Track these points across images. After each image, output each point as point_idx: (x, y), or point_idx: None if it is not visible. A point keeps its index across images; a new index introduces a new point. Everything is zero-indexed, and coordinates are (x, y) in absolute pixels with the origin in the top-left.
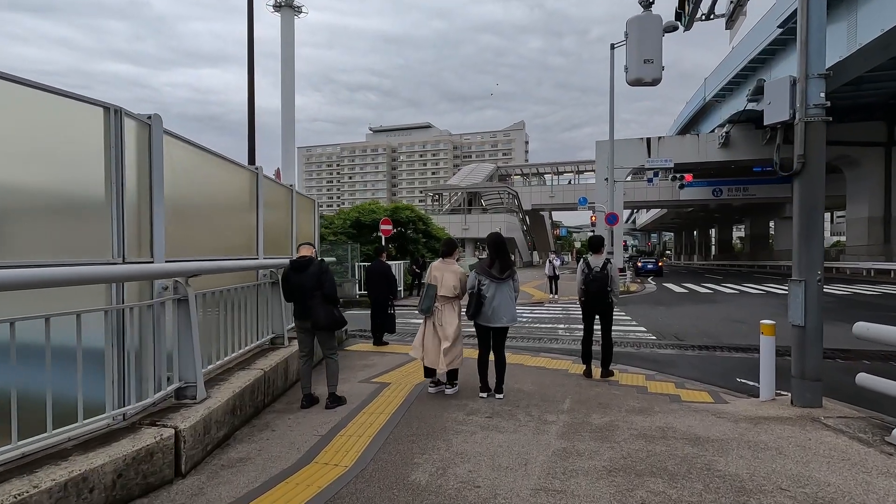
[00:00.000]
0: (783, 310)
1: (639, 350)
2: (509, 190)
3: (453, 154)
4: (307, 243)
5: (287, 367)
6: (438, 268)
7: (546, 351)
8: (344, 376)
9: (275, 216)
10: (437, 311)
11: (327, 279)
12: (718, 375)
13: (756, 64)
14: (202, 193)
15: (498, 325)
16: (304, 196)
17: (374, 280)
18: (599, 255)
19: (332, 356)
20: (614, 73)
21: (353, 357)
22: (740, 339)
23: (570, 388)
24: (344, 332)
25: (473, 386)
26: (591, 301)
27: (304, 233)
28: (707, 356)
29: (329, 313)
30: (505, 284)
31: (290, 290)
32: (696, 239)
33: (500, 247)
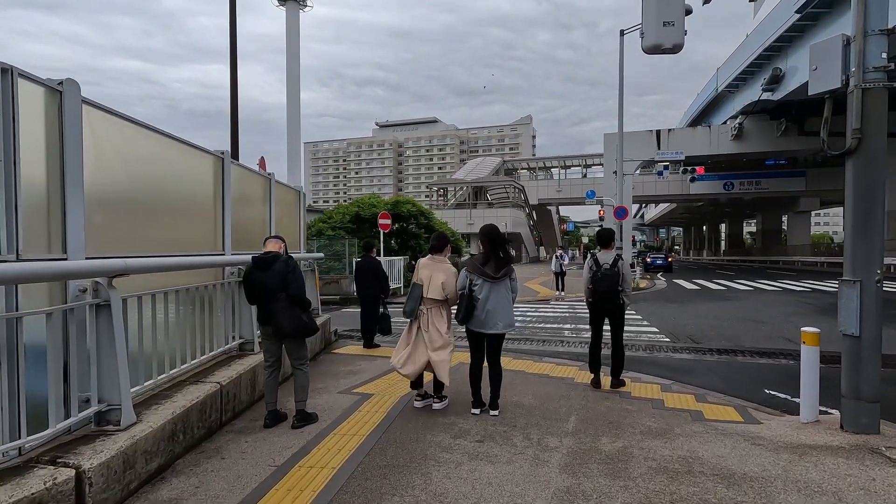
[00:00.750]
0: (805, 308)
1: (652, 354)
2: (515, 184)
3: (460, 149)
4: (275, 237)
5: (254, 378)
6: (426, 265)
7: (550, 355)
8: (323, 385)
9: (249, 208)
10: (422, 315)
11: (294, 279)
12: (743, 386)
13: (771, 52)
14: (146, 180)
15: (492, 332)
16: (286, 186)
17: (363, 277)
18: (609, 251)
19: (301, 367)
20: (624, 62)
21: (339, 361)
22: (762, 341)
23: (576, 402)
24: (333, 334)
25: (465, 399)
26: (599, 302)
27: (285, 227)
28: (728, 362)
29: (295, 318)
30: (501, 285)
31: (252, 291)
32: (705, 234)
33: (496, 241)
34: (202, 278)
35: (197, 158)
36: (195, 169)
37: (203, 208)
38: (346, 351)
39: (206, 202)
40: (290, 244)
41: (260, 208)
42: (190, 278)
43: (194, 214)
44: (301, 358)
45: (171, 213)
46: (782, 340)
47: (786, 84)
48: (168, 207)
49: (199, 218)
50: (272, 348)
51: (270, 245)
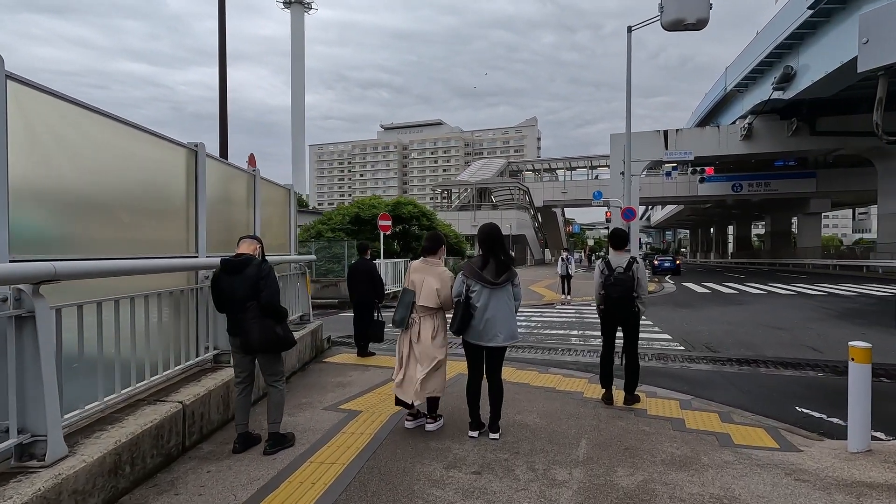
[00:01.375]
0: (823, 313)
1: (666, 365)
2: (520, 186)
3: (464, 151)
4: (249, 237)
5: (228, 394)
6: (418, 269)
7: (557, 365)
8: (308, 400)
9: (229, 207)
10: (413, 325)
11: (267, 285)
12: (771, 402)
13: (783, 50)
14: (100, 172)
15: (492, 345)
16: (273, 184)
17: (357, 281)
18: (622, 253)
19: (276, 385)
20: (631, 58)
21: (329, 372)
22: (784, 349)
23: (586, 422)
24: (326, 341)
25: (462, 418)
26: (612, 310)
27: (274, 228)
28: (750, 374)
29: (267, 330)
30: (501, 291)
31: (220, 298)
32: (712, 236)
33: (495, 242)
34: (175, 282)
35: (166, 151)
36: (163, 162)
37: (172, 206)
38: (338, 360)
39: (175, 199)
40: (279, 246)
41: (243, 207)
42: (161, 282)
43: (161, 213)
44: (275, 374)
45: (133, 211)
46: (805, 349)
47: (797, 82)
48: (129, 205)
49: (168, 217)
50: (243, 363)
51: (244, 246)
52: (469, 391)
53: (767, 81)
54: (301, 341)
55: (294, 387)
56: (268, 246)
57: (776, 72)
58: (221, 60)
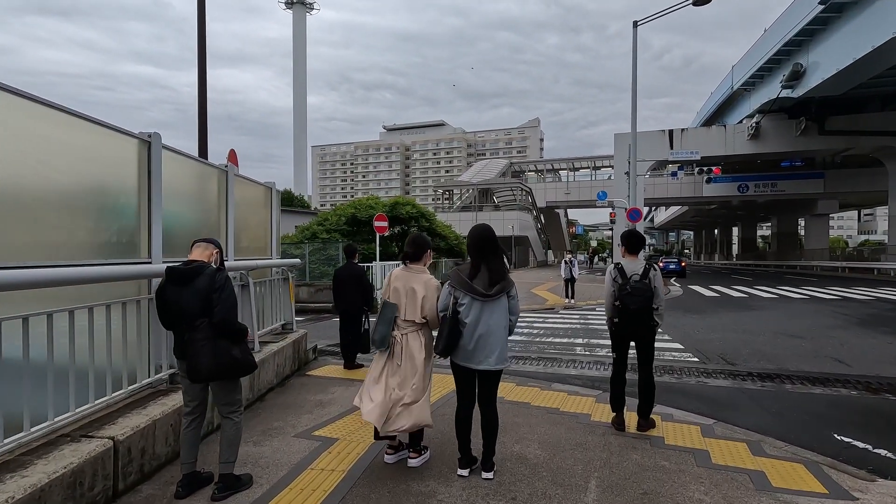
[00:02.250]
0: (843, 320)
1: (680, 380)
2: (523, 186)
3: (467, 152)
4: (205, 241)
5: (180, 422)
6: (400, 277)
7: (561, 379)
8: (280, 423)
9: (195, 206)
10: (395, 343)
11: (221, 299)
12: (804, 427)
13: (792, 47)
14: (17, 165)
15: (484, 368)
16: (251, 182)
17: (343, 287)
18: (636, 259)
19: (232, 416)
20: (637, 54)
21: (310, 387)
22: (807, 362)
23: (595, 454)
24: (312, 351)
25: (450, 450)
26: (627, 323)
27: (251, 230)
28: (775, 392)
29: (219, 354)
30: (495, 304)
31: (165, 313)
32: (717, 238)
33: (488, 246)
34: (123, 292)
35: (111, 141)
36: (108, 154)
37: (118, 205)
38: (322, 373)
39: (123, 197)
40: (259, 249)
41: (212, 207)
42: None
43: (103, 212)
44: (231, 404)
45: (65, 211)
46: (830, 361)
47: (807, 80)
48: (59, 203)
49: (112, 217)
50: (193, 390)
51: (197, 252)
52: (458, 421)
53: (775, 80)
54: (280, 354)
55: (267, 407)
56: (245, 249)
57: (785, 70)
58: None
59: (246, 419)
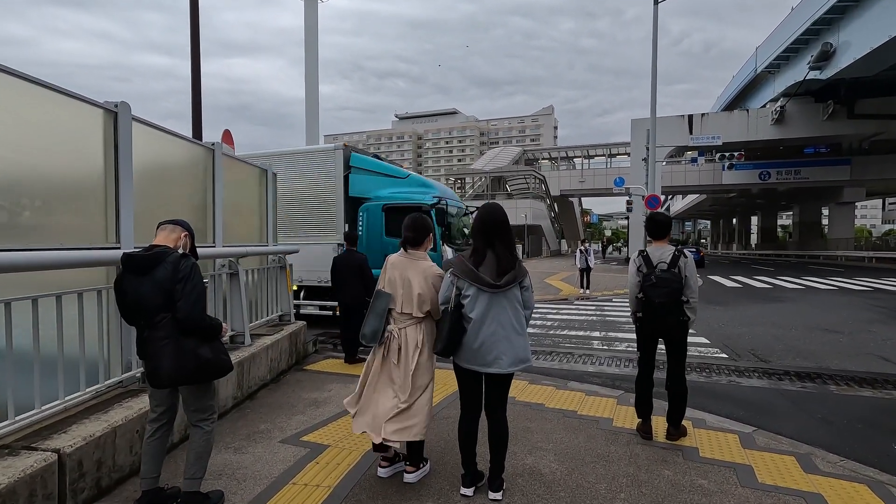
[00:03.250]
0: (881, 313)
1: (710, 379)
2: (536, 174)
3: (480, 140)
4: (171, 223)
5: None
6: (398, 264)
7: (577, 377)
8: (267, 425)
9: (177, 188)
10: (391, 340)
11: (187, 291)
12: (856, 436)
13: (821, 26)
14: None
15: (493, 371)
16: (243, 163)
17: (343, 277)
18: (664, 244)
19: (202, 424)
20: (657, 33)
21: (305, 383)
22: (848, 360)
23: (620, 469)
24: (312, 344)
25: (453, 462)
26: (653, 318)
27: (244, 216)
28: (818, 394)
29: (183, 355)
30: (505, 297)
31: (124, 307)
32: (735, 227)
33: (498, 228)
34: (90, 279)
35: (71, 111)
36: (67, 127)
37: (77, 183)
38: (321, 367)
39: (84, 174)
40: (253, 235)
41: (196, 189)
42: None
43: (58, 191)
44: (202, 410)
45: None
46: (874, 359)
47: (836, 61)
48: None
49: (68, 196)
50: (159, 393)
51: (162, 235)
52: (462, 432)
53: (802, 61)
54: (274, 347)
55: (257, 406)
56: (236, 236)
57: (813, 50)
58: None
59: (232, 420)
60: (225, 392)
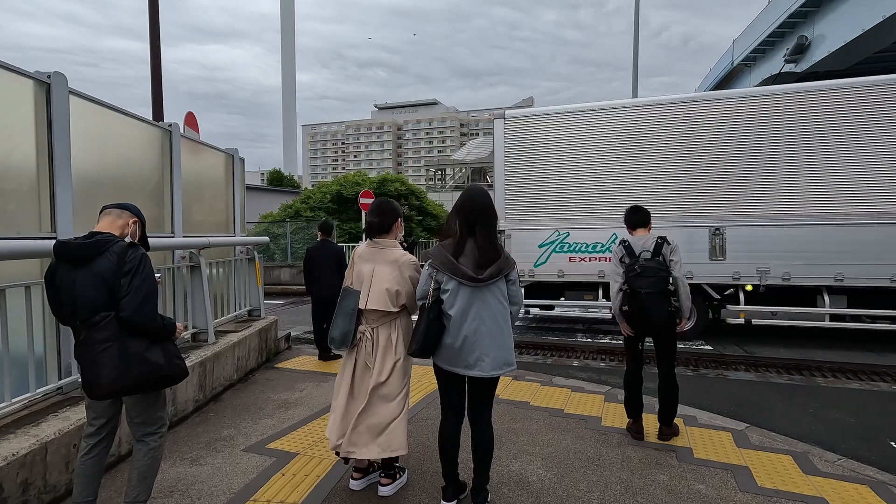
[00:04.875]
0: None
1: (697, 372)
2: None
3: (460, 132)
4: (117, 207)
5: None
6: (366, 256)
7: (562, 372)
8: (231, 431)
9: (123, 172)
10: (364, 340)
11: (133, 285)
12: (852, 432)
13: (796, 19)
14: None
15: (476, 374)
16: (206, 147)
17: (317, 269)
18: (645, 233)
19: (148, 439)
20: (639, 21)
21: (276, 383)
22: (832, 350)
23: (613, 475)
24: (284, 340)
25: (433, 471)
26: (640, 312)
27: (208, 203)
28: (807, 386)
29: (127, 361)
30: (489, 291)
31: (56, 304)
32: None
33: (479, 215)
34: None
35: None
36: None
37: (2, 164)
38: (293, 365)
39: (11, 154)
40: (218, 224)
41: (151, 172)
42: None
43: None
44: (149, 423)
45: None
46: (859, 350)
47: (812, 54)
48: None
49: None
50: (99, 405)
51: (105, 221)
52: (442, 441)
53: (778, 54)
54: (242, 345)
55: (221, 409)
56: (198, 224)
57: (788, 43)
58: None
59: (191, 426)
60: (185, 395)
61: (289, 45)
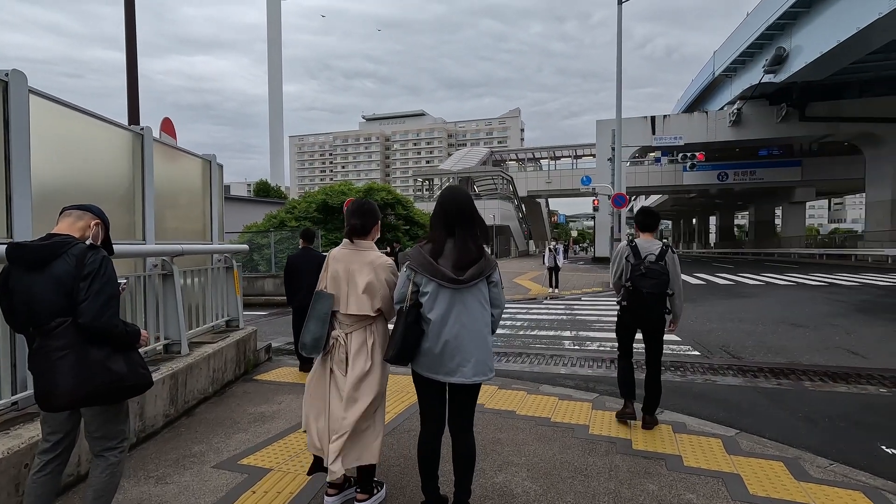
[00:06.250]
0: (840, 307)
1: (685, 378)
2: (504, 175)
3: (448, 142)
4: (78, 208)
5: None
6: (341, 259)
7: (549, 380)
8: (202, 446)
9: (90, 175)
10: (338, 347)
11: (94, 289)
12: (841, 436)
13: (774, 31)
14: None
15: (457, 381)
16: (183, 153)
17: (298, 277)
18: (651, 238)
19: (108, 454)
20: (622, 32)
21: (254, 395)
22: (818, 354)
23: (601, 485)
24: (263, 352)
25: (412, 485)
26: (638, 309)
27: (182, 210)
28: (795, 391)
29: (89, 369)
30: (470, 294)
31: (11, 311)
32: (695, 226)
33: (459, 214)
34: None
35: None
36: None
37: None
38: (273, 377)
39: None
40: (194, 231)
41: (122, 177)
42: None
43: None
44: (109, 437)
45: None
46: (844, 353)
47: (789, 65)
48: None
49: None
50: (55, 418)
51: (65, 223)
52: (422, 452)
53: (757, 65)
54: (218, 356)
55: (194, 424)
56: (172, 231)
57: (767, 54)
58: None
59: (160, 442)
60: (154, 409)
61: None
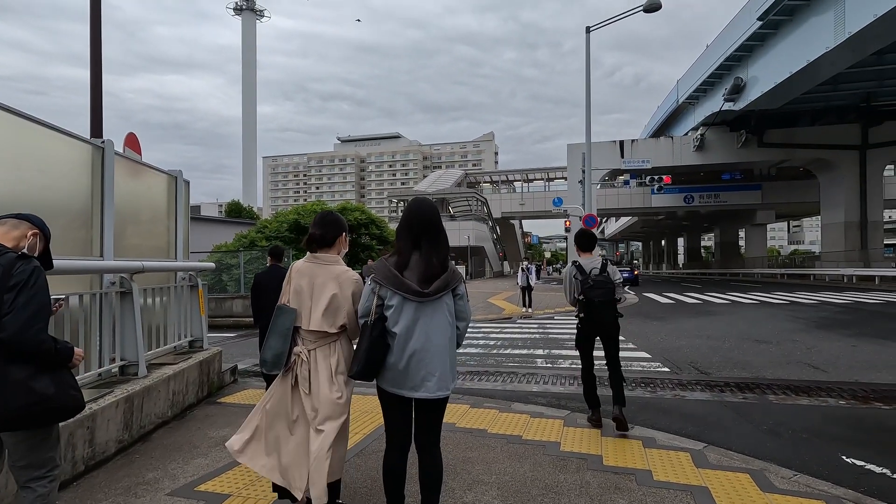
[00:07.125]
0: (801, 323)
1: (655, 394)
2: (478, 196)
3: (423, 164)
4: (15, 216)
5: None
6: (304, 272)
7: (522, 398)
8: (157, 472)
9: (37, 189)
10: (300, 364)
11: (20, 302)
12: (803, 447)
13: (732, 62)
14: None
15: (421, 396)
16: (146, 167)
17: (266, 295)
18: (591, 256)
19: (35, 485)
20: (590, 59)
21: (216, 419)
22: (781, 368)
23: (572, 500)
24: (229, 373)
25: None
26: (594, 317)
27: (145, 225)
28: (759, 404)
29: (13, 388)
30: (435, 307)
31: None
32: (664, 248)
33: (425, 227)
34: None
35: None
36: None
37: None
38: (238, 399)
39: None
40: (157, 248)
41: (79, 191)
42: None
43: None
44: (36, 466)
45: None
46: (805, 367)
47: (747, 94)
48: None
49: None
50: None
51: None
52: (387, 472)
53: (718, 93)
54: (178, 378)
55: (150, 450)
56: (133, 247)
57: (726, 84)
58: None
59: (111, 470)
60: (105, 435)
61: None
